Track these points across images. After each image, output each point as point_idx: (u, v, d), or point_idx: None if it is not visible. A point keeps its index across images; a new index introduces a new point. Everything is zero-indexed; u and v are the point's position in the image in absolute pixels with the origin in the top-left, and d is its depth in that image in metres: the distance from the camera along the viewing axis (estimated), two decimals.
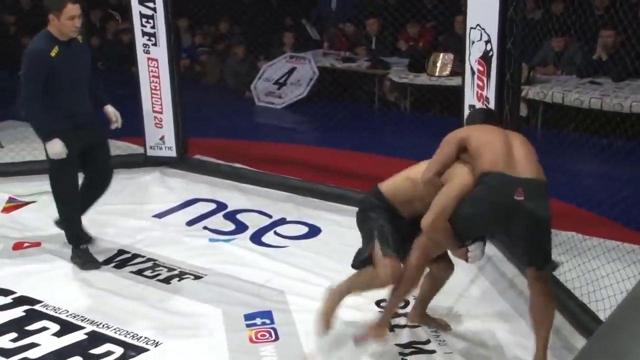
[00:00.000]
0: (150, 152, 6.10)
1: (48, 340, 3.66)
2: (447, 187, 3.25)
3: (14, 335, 3.70)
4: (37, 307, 3.96)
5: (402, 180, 3.50)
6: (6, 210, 5.24)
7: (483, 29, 4.45)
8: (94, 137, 4.38)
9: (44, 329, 3.76)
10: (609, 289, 3.79)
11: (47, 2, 4.10)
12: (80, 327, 3.77)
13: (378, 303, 3.95)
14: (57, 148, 4.12)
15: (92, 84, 4.39)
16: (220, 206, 5.39)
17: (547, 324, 3.28)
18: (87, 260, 4.41)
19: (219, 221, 5.14)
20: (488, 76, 4.49)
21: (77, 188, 4.39)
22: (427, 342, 3.65)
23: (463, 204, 3.16)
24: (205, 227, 5.04)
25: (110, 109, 4.52)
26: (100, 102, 4.50)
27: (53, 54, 4.06)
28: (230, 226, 5.06)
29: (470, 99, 4.68)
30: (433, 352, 3.57)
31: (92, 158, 4.41)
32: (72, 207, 4.40)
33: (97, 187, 4.56)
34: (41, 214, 5.12)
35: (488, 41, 4.43)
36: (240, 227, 5.03)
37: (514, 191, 3.05)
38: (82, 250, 4.44)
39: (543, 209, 3.09)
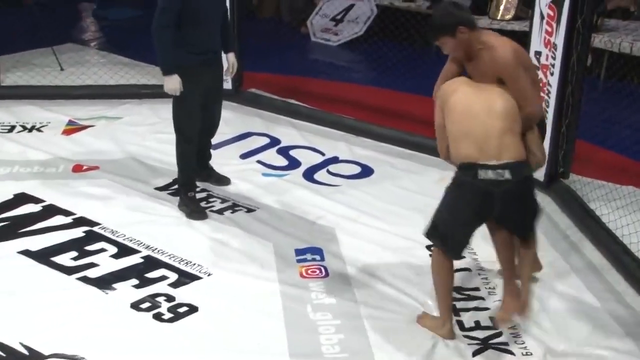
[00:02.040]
0: None
1: (106, 262, 3.75)
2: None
3: (74, 254, 3.80)
4: (95, 228, 4.06)
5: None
6: (66, 132, 5.32)
7: None
8: (215, 80, 4.30)
9: (103, 250, 3.85)
10: None
11: None
12: (136, 251, 3.85)
13: (429, 247, 3.93)
14: (173, 84, 4.02)
15: (224, 24, 4.30)
16: (274, 141, 5.39)
17: (532, 270, 3.36)
18: (194, 209, 4.26)
19: (272, 156, 5.15)
20: (558, 22, 4.33)
21: (197, 128, 4.25)
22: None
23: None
24: (258, 161, 5.05)
25: (231, 57, 4.38)
26: (225, 45, 4.35)
27: None
28: (284, 161, 5.07)
29: (537, 44, 4.53)
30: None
31: (205, 101, 4.26)
32: (188, 147, 4.25)
33: (207, 132, 4.48)
34: (100, 138, 5.21)
35: None
36: (293, 163, 5.03)
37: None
38: (189, 199, 4.30)
39: (521, 187, 3.02)
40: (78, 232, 4.00)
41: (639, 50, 6.34)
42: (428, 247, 3.92)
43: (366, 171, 4.95)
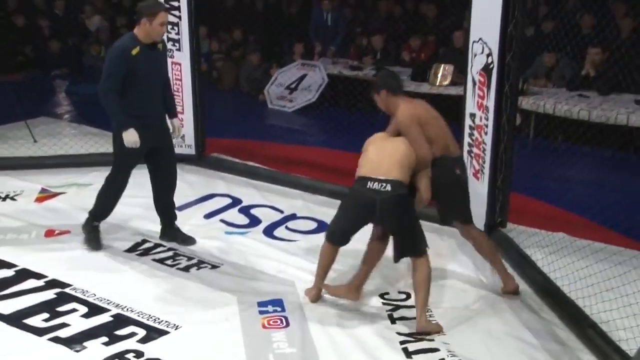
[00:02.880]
0: None
1: (77, 321, 3.66)
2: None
3: (46, 315, 3.70)
4: (67, 290, 3.97)
5: (404, 164, 3.70)
6: (39, 200, 5.24)
7: (485, 42, 4.44)
8: (159, 140, 4.37)
9: (74, 310, 3.76)
10: (596, 286, 3.78)
11: (142, 8, 4.14)
12: (106, 310, 3.77)
13: (382, 295, 3.95)
14: (132, 136, 4.15)
15: (167, 93, 4.43)
16: (236, 201, 5.39)
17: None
18: (92, 238, 4.45)
19: (234, 215, 5.15)
20: (488, 87, 4.48)
21: (127, 181, 4.42)
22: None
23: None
24: (221, 220, 5.04)
25: (176, 122, 4.53)
26: (169, 112, 4.49)
27: (134, 52, 4.11)
28: (245, 220, 5.07)
29: (471, 107, 4.67)
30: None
31: (157, 160, 4.42)
32: (114, 194, 4.43)
33: (165, 189, 4.55)
34: (70, 204, 5.14)
35: (489, 54, 4.42)
36: (254, 221, 5.04)
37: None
38: (93, 227, 4.48)
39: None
40: (50, 294, 3.91)
41: (560, 111, 6.60)
42: (382, 295, 3.94)
43: (322, 226, 4.94)
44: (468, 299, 3.99)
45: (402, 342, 3.55)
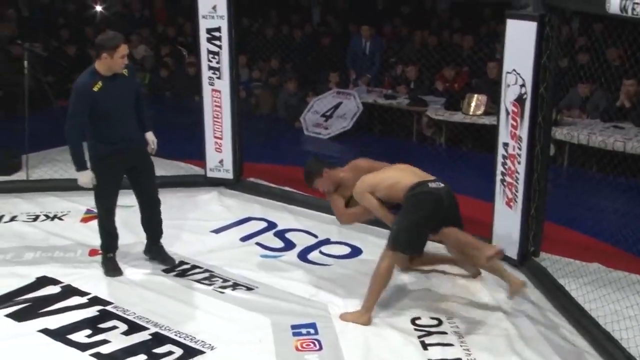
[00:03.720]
0: (209, 174, 6.18)
1: (117, 338, 3.73)
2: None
3: (88, 331, 3.78)
4: (108, 307, 4.05)
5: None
6: (84, 220, 5.36)
7: (518, 73, 4.44)
8: (137, 161, 4.43)
9: (114, 327, 3.83)
10: (633, 319, 3.71)
11: (103, 41, 4.11)
12: (145, 328, 3.83)
13: (413, 321, 3.94)
14: (84, 179, 4.24)
15: (139, 111, 4.42)
16: (271, 225, 5.42)
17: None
18: (110, 267, 4.47)
19: (269, 238, 5.18)
20: (522, 117, 4.47)
21: (113, 206, 4.47)
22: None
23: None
24: (257, 243, 5.08)
25: (150, 136, 4.52)
26: (143, 127, 4.50)
27: (96, 88, 4.10)
28: (280, 244, 5.09)
29: (504, 137, 4.65)
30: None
31: (136, 180, 4.50)
32: (109, 219, 4.48)
33: (147, 207, 4.61)
34: None
35: (523, 85, 4.42)
36: (289, 245, 5.06)
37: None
38: (108, 259, 4.50)
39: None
40: (92, 311, 3.99)
41: (594, 142, 6.52)
42: (413, 321, 3.92)
43: (355, 251, 4.97)
44: (501, 324, 3.95)
45: None
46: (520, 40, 4.38)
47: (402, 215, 3.97)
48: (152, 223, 4.67)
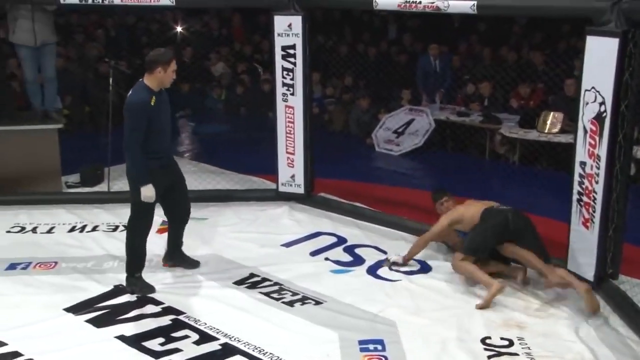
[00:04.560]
0: (281, 188, 6.22)
1: (189, 347, 3.79)
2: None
3: (162, 339, 3.87)
4: (181, 317, 4.13)
5: None
6: (160, 231, 5.46)
7: (598, 91, 4.29)
8: (175, 175, 4.53)
9: (186, 337, 3.90)
10: None
11: (157, 57, 4.21)
12: (215, 338, 3.88)
13: (483, 340, 3.85)
14: (150, 192, 4.23)
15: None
16: (341, 240, 5.41)
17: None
18: (143, 285, 4.43)
19: (339, 253, 5.17)
20: (600, 135, 4.31)
21: (151, 223, 4.46)
22: None
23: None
24: (326, 258, 5.07)
25: None
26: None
27: (152, 103, 4.19)
28: (349, 258, 5.08)
29: (581, 155, 4.49)
30: None
31: (173, 195, 4.53)
32: (143, 239, 4.44)
33: (182, 221, 4.69)
34: (188, 236, 5.28)
35: (602, 103, 4.26)
36: (358, 260, 5.03)
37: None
38: (137, 278, 4.45)
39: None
40: (166, 320, 4.08)
41: None
42: (483, 340, 3.83)
43: (425, 267, 4.90)
44: (575, 347, 3.81)
45: None
46: (600, 57, 4.23)
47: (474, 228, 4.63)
48: (181, 234, 4.75)
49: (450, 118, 8.37)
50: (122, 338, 3.88)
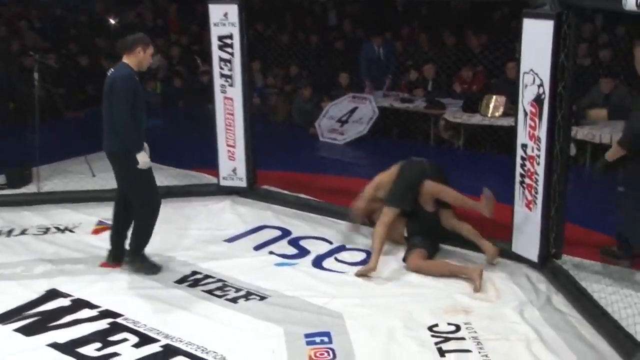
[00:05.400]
0: (223, 182, 6.19)
1: (128, 351, 3.72)
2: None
3: (98, 344, 3.79)
4: (119, 320, 4.05)
5: None
6: (95, 231, 5.39)
7: (536, 73, 4.39)
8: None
9: (125, 340, 3.83)
10: None
11: (137, 37, 4.44)
12: (156, 340, 3.82)
13: (430, 328, 3.91)
14: (146, 157, 4.43)
15: None
16: (285, 233, 5.42)
17: None
18: (148, 264, 4.63)
19: (283, 246, 5.17)
20: (540, 117, 4.42)
21: (159, 198, 4.65)
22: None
23: None
24: (271, 252, 5.07)
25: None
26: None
27: (137, 78, 4.39)
28: (294, 251, 5.08)
29: (522, 138, 4.60)
30: None
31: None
32: (154, 216, 4.60)
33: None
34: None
35: (540, 85, 4.37)
36: (303, 252, 5.05)
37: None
38: (142, 256, 4.62)
39: None
40: (103, 324, 4.00)
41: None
42: (430, 328, 3.88)
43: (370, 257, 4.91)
44: (520, 328, 3.90)
45: None
46: (537, 39, 4.33)
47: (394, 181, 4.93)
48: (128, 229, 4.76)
49: (394, 105, 8.43)
50: (54, 345, 3.78)
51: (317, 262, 4.87)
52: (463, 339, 3.80)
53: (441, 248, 4.97)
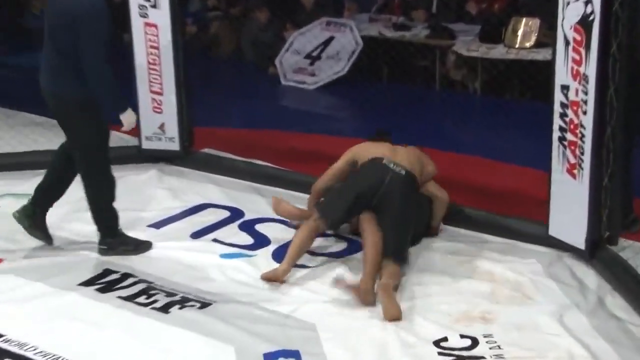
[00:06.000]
0: (146, 144, 6.16)
1: None
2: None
3: None
4: None
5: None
6: None
7: None
8: None
9: None
10: None
11: None
12: None
13: (437, 343, 3.95)
14: (132, 117, 4.68)
15: None
16: (235, 214, 5.42)
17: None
18: (137, 242, 4.90)
19: (233, 233, 5.17)
20: (587, 47, 4.40)
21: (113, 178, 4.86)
22: None
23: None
24: (215, 240, 5.07)
25: None
26: None
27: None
28: (248, 239, 5.09)
29: (563, 77, 4.60)
30: None
31: None
32: (112, 191, 4.81)
33: (73, 176, 4.91)
34: (4, 221, 5.15)
35: (588, 2, 4.34)
36: (260, 241, 5.05)
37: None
38: (125, 235, 4.89)
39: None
40: None
41: None
42: (437, 343, 3.92)
43: (355, 246, 4.93)
44: (562, 342, 3.94)
45: None
46: None
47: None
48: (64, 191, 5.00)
49: (384, 33, 8.42)
50: None
51: (280, 254, 4.83)
52: (482, 358, 3.82)
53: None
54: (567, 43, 4.55)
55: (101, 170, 4.74)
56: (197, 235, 5.14)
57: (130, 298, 4.37)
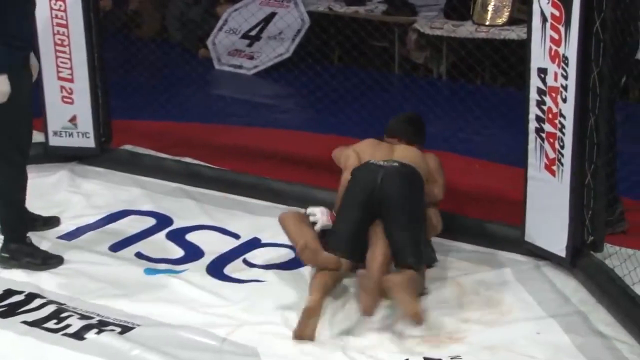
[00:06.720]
0: (54, 141, 6.15)
1: None
2: None
3: None
4: None
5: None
6: None
7: None
8: (30, 86, 4.84)
9: None
10: None
11: None
12: None
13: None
14: (5, 86, 4.46)
15: None
16: (162, 221, 5.44)
17: None
18: (47, 255, 4.85)
19: (159, 244, 5.19)
20: (567, 24, 4.46)
21: (28, 145, 4.87)
22: None
23: None
24: (138, 254, 5.08)
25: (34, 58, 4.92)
26: None
27: None
28: (177, 252, 5.11)
29: (539, 59, 4.66)
30: None
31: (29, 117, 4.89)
32: (18, 171, 4.77)
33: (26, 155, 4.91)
34: None
35: None
36: (192, 253, 5.07)
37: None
38: (28, 245, 4.84)
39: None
40: None
41: None
42: None
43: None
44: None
45: None
46: None
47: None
48: None
49: (334, 9, 8.46)
50: None
51: (216, 268, 4.89)
52: None
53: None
54: (544, 20, 4.60)
55: (5, 155, 4.66)
56: (116, 247, 5.15)
57: (37, 323, 4.33)
